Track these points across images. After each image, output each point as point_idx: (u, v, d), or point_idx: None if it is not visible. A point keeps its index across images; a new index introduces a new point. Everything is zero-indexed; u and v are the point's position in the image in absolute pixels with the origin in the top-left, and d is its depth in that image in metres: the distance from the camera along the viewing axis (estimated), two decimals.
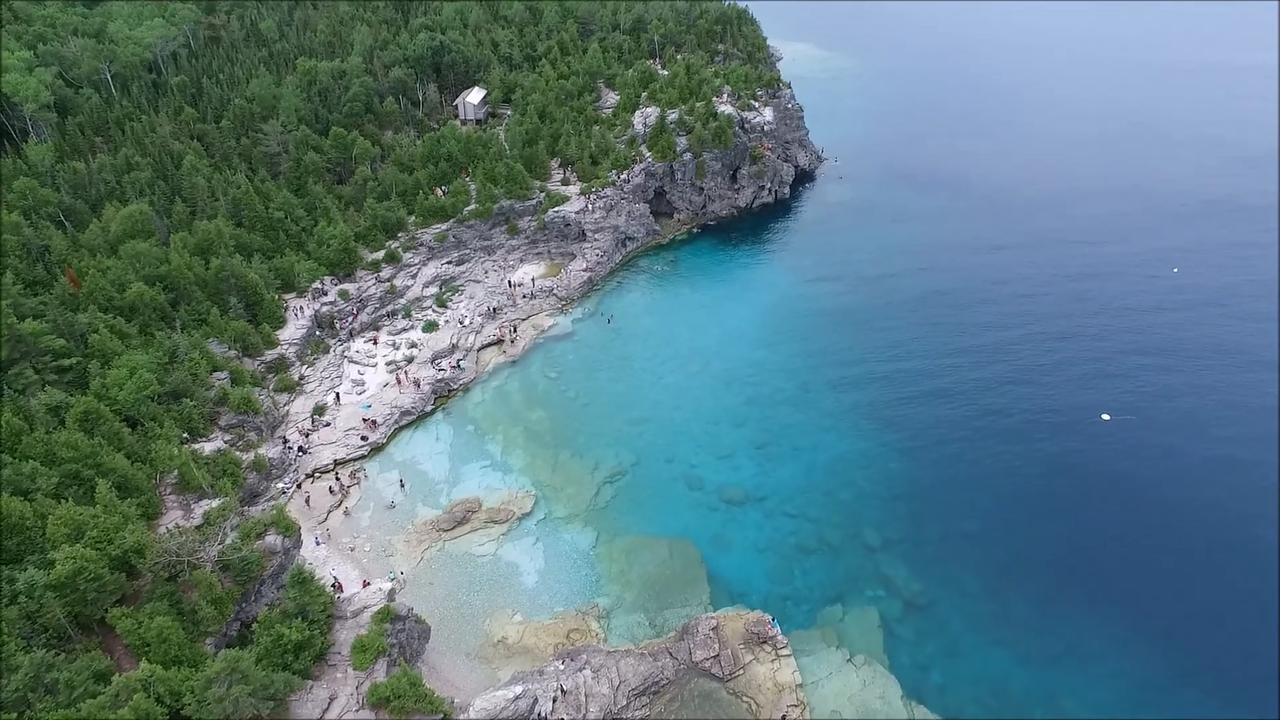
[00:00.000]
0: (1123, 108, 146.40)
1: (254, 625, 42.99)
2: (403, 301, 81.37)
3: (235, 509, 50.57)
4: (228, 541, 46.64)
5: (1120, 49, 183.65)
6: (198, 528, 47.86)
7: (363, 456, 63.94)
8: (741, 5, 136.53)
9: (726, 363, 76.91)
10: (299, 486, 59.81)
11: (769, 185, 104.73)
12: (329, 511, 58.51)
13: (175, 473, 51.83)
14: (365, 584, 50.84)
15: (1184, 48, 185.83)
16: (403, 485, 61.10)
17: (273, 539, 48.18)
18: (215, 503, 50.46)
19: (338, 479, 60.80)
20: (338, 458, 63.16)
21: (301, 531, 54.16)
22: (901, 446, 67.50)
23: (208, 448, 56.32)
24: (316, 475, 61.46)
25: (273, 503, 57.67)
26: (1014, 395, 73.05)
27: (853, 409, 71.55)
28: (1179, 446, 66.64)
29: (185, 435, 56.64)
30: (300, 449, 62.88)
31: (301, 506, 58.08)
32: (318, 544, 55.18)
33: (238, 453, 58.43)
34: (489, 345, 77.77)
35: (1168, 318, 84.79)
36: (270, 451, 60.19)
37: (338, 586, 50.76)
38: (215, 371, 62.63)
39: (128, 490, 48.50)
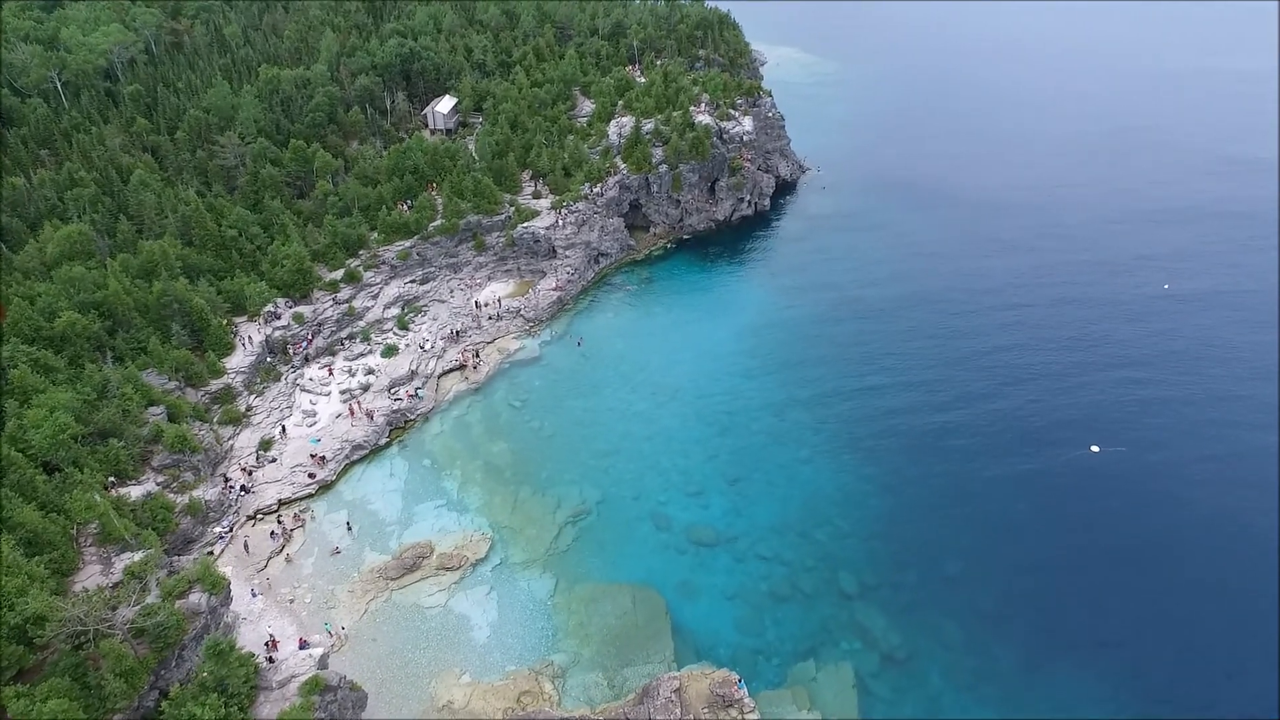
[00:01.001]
0: (1115, 112, 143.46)
1: (163, 703, 39.17)
2: (362, 324, 77.52)
3: (160, 562, 46.75)
4: (147, 601, 42.85)
5: (1114, 52, 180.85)
6: (116, 585, 44.09)
7: (310, 495, 60.16)
8: (724, 10, 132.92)
9: (700, 389, 73.38)
10: (233, 530, 55.86)
11: (748, 197, 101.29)
12: (269, 558, 54.70)
13: (97, 522, 48.03)
14: (302, 643, 47.09)
15: (1181, 51, 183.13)
16: (350, 528, 57.34)
17: (197, 598, 44.39)
18: (139, 555, 46.68)
19: (280, 522, 56.97)
20: (283, 497, 59.38)
21: (237, 582, 50.64)
22: (881, 480, 64.12)
23: (136, 492, 52.50)
24: (259, 517, 57.62)
25: (209, 549, 53.93)
26: (998, 421, 69.71)
27: (831, 438, 68.12)
28: (1175, 491, 63.26)
29: (112, 479, 52.75)
30: (243, 488, 59.06)
31: (239, 553, 54.27)
32: (254, 596, 51.39)
33: (171, 495, 54.66)
34: (451, 371, 74.03)
35: (1157, 328, 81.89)
36: (208, 493, 56.37)
37: (272, 644, 47.03)
38: (151, 406, 58.72)
39: (38, 546, 44.65)
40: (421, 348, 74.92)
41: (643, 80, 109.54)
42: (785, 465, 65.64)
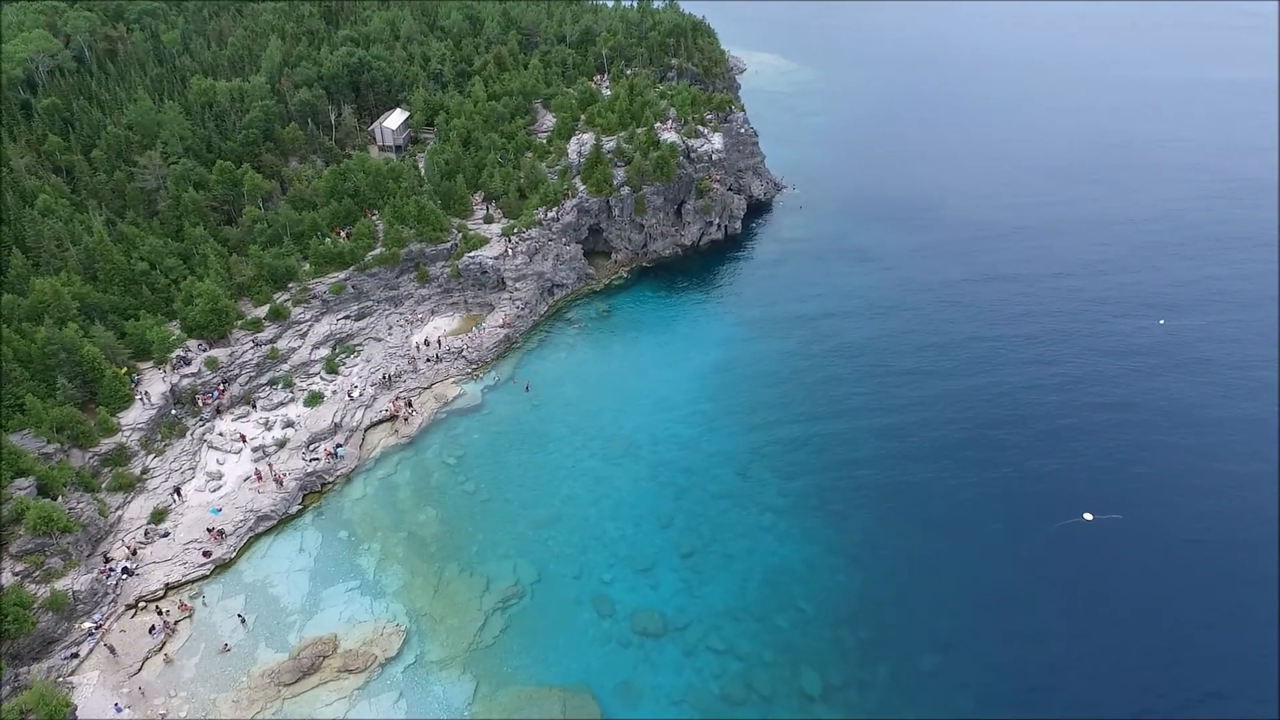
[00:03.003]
0: (1106, 126, 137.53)
1: None
2: (286, 368, 70.38)
3: None
4: None
5: (1104, 60, 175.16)
6: None
7: (204, 577, 53.03)
8: (699, 15, 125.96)
9: (656, 443, 66.55)
10: (105, 625, 48.62)
11: (717, 220, 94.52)
12: (145, 659, 47.54)
13: None
14: None
15: (1174, 61, 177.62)
16: (243, 620, 50.23)
17: None
18: None
19: (161, 613, 49.79)
20: (171, 580, 52.24)
21: (101, 692, 43.63)
22: (850, 551, 57.54)
23: None
24: (140, 606, 50.46)
25: (73, 650, 46.81)
26: (976, 478, 63.32)
27: (797, 501, 61.50)
28: (1179, 561, 56.95)
29: None
30: (125, 570, 51.89)
31: (106, 658, 47.08)
32: (119, 710, 44.28)
33: (32, 586, 47.49)
34: (380, 422, 66.98)
35: (1149, 366, 75.88)
36: (79, 580, 49.21)
37: None
38: (19, 477, 51.45)
39: None
40: (350, 395, 67.82)
41: (608, 93, 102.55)
42: (746, 534, 58.95)
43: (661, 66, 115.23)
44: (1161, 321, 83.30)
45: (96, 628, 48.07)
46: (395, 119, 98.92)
